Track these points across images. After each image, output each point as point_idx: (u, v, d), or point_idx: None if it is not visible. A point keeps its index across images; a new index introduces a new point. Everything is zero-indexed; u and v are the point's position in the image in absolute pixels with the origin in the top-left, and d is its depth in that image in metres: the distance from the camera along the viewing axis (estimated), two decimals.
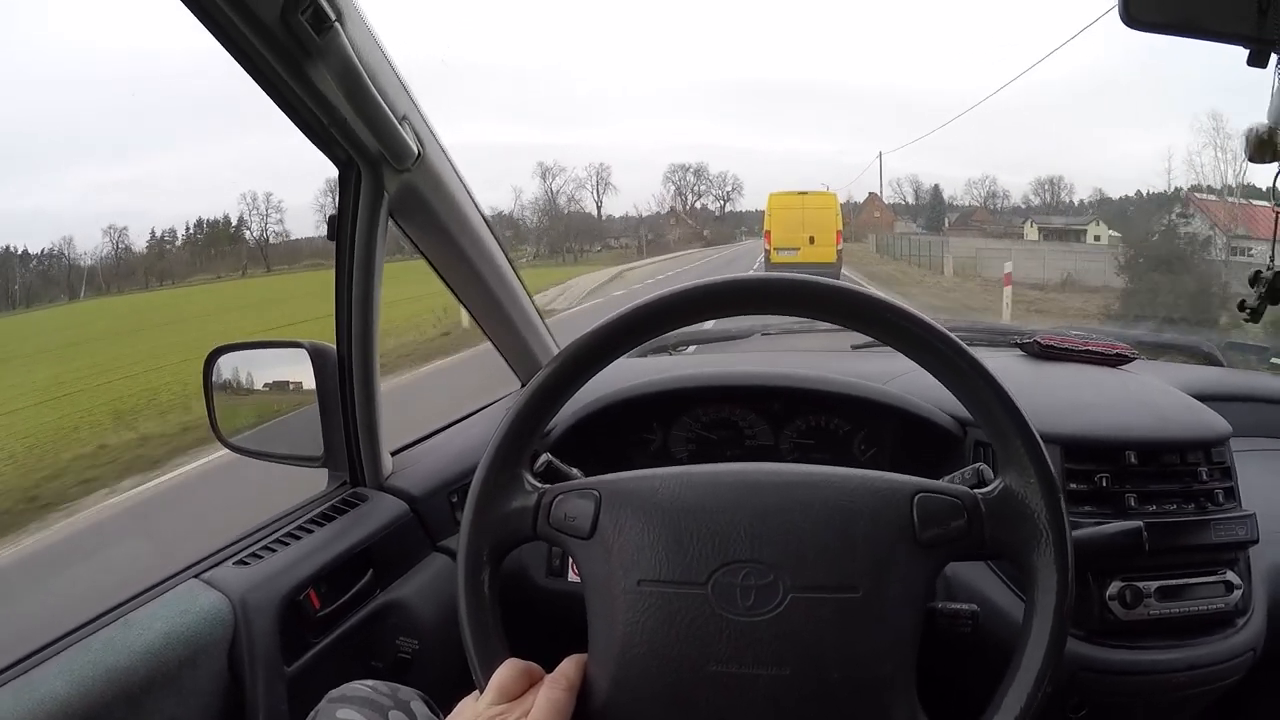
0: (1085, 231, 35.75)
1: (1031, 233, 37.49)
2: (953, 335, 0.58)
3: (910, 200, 51.23)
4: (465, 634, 0.58)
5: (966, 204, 47.80)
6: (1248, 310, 0.78)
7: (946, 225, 46.78)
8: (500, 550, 0.60)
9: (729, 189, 55.19)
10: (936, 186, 50.78)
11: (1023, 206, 44.69)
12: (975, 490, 0.58)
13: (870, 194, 51.63)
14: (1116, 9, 0.78)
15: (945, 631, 0.67)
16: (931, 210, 49.37)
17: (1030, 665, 0.54)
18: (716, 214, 54.84)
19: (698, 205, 54.17)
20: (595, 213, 49.10)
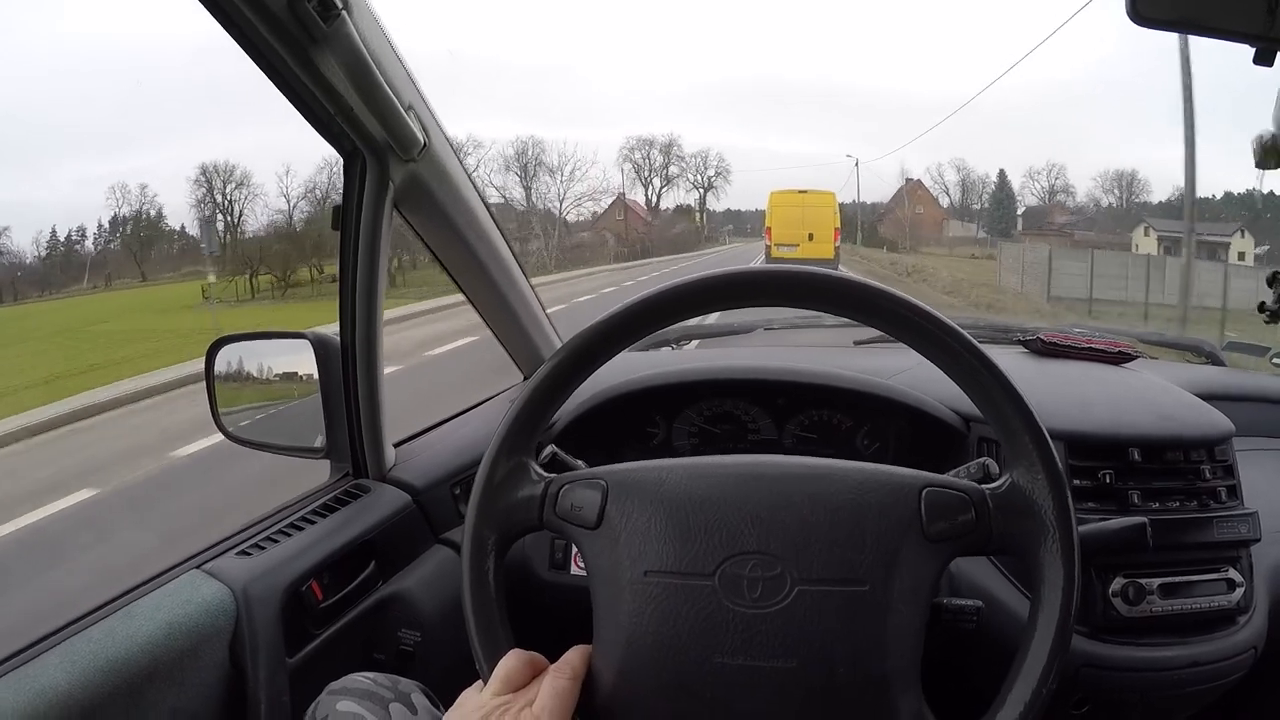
0: (1227, 245, 22.67)
1: (1147, 242, 25.30)
2: (960, 328, 0.58)
3: (955, 195, 36.09)
4: (469, 624, 0.58)
5: (1028, 201, 34.15)
6: (1267, 312, 0.79)
7: (1018, 228, 33.12)
8: (506, 539, 0.60)
9: (710, 173, 38.45)
10: (1002, 173, 34.21)
11: (1090, 206, 33.14)
12: (983, 485, 0.58)
13: (909, 181, 36.65)
14: (1124, 6, 0.78)
15: (949, 627, 0.67)
16: (996, 207, 34.38)
17: (1036, 659, 0.54)
18: (689, 207, 38.42)
19: (654, 199, 37.86)
20: (523, 201, 32.62)
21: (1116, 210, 31.62)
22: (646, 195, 38.78)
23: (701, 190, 39.42)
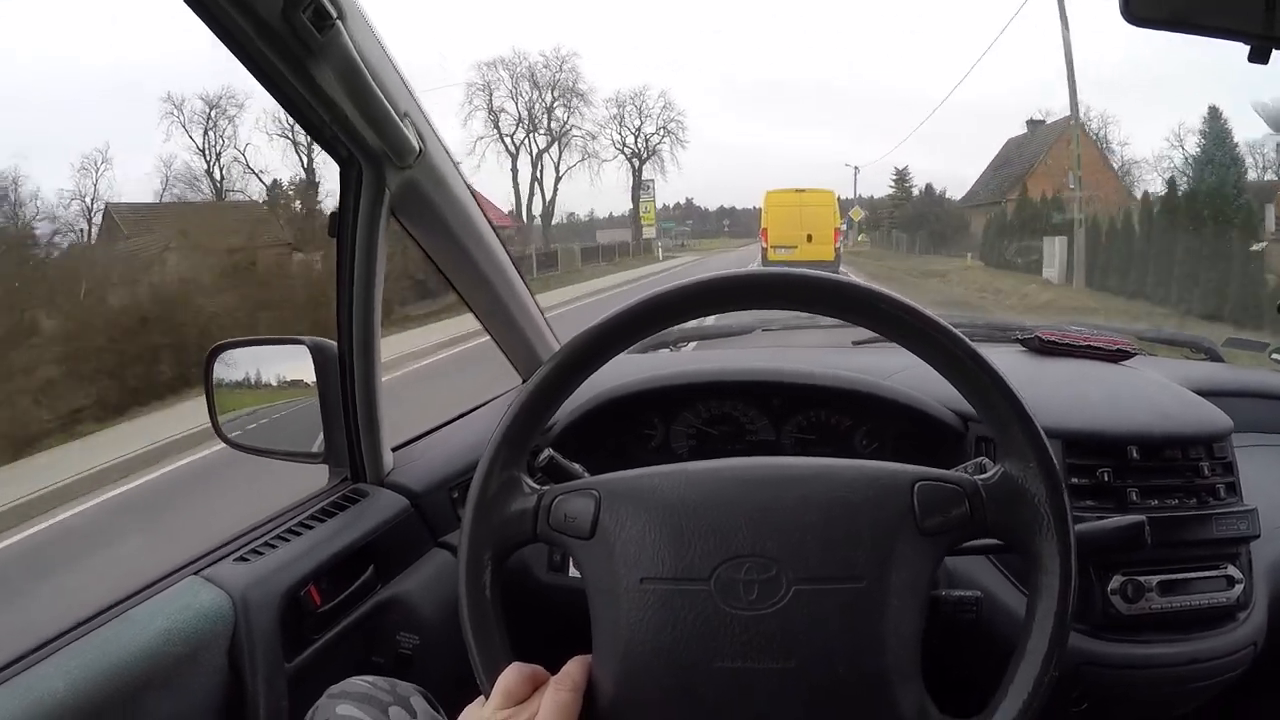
0: None
1: None
2: (950, 325, 0.58)
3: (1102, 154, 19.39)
4: (468, 639, 0.58)
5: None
6: None
7: (1268, 224, 13.13)
8: (501, 554, 0.60)
9: (651, 131, 21.82)
10: (1214, 111, 15.07)
11: None
12: (975, 477, 0.58)
13: (1042, 123, 20.88)
14: (1118, 6, 0.78)
15: (949, 619, 0.67)
16: (1218, 181, 14.02)
17: (1036, 648, 0.54)
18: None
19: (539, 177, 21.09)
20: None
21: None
22: (514, 166, 20.88)
23: (636, 161, 21.62)
